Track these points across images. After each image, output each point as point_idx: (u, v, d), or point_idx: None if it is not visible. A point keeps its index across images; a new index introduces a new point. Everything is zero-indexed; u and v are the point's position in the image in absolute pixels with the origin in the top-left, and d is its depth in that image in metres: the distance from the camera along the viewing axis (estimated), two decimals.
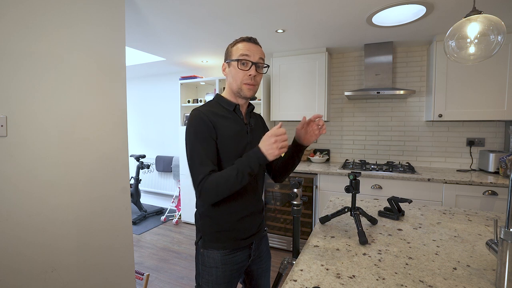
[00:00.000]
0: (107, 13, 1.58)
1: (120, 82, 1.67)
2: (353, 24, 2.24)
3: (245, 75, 1.02)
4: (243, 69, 1.01)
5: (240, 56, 1.01)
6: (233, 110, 1.06)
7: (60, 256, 1.37)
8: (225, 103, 1.07)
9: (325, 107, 2.87)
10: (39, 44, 1.29)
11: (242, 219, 1.06)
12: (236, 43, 1.04)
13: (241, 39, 1.05)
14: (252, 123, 1.11)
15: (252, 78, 1.02)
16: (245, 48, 1.02)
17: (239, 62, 1.01)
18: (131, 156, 4.02)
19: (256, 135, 1.10)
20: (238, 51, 1.02)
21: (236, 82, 1.03)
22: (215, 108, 1.05)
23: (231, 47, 1.05)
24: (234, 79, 1.03)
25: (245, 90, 1.03)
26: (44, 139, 1.32)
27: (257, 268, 1.18)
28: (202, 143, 0.96)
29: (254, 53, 1.02)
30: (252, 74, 1.01)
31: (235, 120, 1.06)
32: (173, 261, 2.73)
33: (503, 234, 0.72)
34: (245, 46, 1.02)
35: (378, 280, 0.79)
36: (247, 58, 1.01)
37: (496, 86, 2.29)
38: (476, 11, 1.12)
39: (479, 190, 2.13)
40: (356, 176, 1.14)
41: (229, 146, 1.01)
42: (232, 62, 1.03)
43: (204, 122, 0.98)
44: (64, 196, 1.39)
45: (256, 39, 1.06)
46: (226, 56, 1.07)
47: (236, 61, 1.01)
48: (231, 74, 1.04)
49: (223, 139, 1.00)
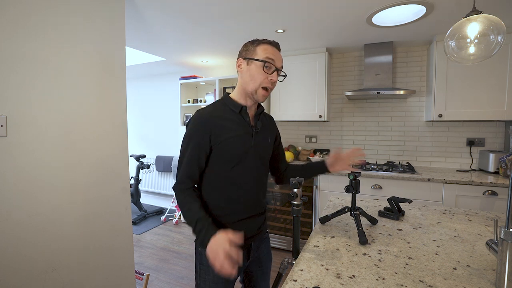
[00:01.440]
0: (107, 12, 1.58)
1: (120, 82, 1.67)
2: (353, 24, 2.24)
3: (266, 78, 1.00)
4: (266, 72, 1.00)
5: (266, 58, 0.99)
6: (239, 112, 1.04)
7: (60, 256, 1.37)
8: (231, 105, 1.05)
9: (325, 107, 2.87)
10: (38, 44, 1.29)
11: (240, 221, 1.05)
12: (261, 43, 1.02)
13: (267, 41, 1.02)
14: (259, 126, 1.08)
15: (272, 83, 1.02)
16: (272, 52, 1.00)
17: (265, 64, 0.99)
18: (131, 156, 4.02)
19: (262, 138, 1.10)
20: (264, 52, 1.00)
21: (255, 83, 1.00)
22: (219, 110, 1.03)
23: (254, 46, 1.02)
24: (253, 79, 1.00)
25: (260, 94, 1.02)
26: (44, 139, 1.32)
27: (256, 270, 1.17)
28: (192, 149, 0.99)
29: (278, 59, 1.02)
30: (274, 79, 1.01)
31: (240, 122, 1.03)
32: (173, 261, 2.73)
33: (503, 234, 0.72)
34: (272, 50, 1.01)
35: (378, 280, 0.79)
36: (273, 62, 1.00)
37: (496, 86, 2.29)
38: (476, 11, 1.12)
39: (479, 190, 2.13)
40: (356, 176, 1.14)
41: (229, 149, 1.00)
42: (255, 61, 1.00)
43: (201, 130, 0.99)
44: (64, 196, 1.39)
45: (279, 45, 1.05)
46: (246, 53, 1.03)
47: (261, 61, 0.99)
48: (249, 73, 1.01)
49: (223, 142, 0.99)
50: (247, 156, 1.03)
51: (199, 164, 1.01)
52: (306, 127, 3.34)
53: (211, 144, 0.99)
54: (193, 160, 1.00)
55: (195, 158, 1.00)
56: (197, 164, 1.00)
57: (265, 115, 1.18)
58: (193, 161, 1.00)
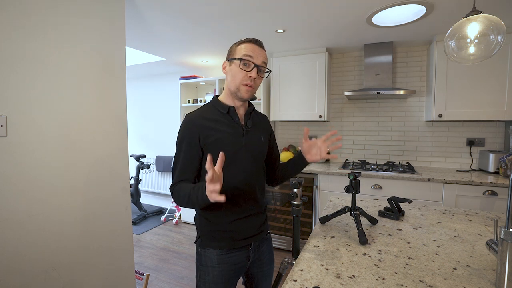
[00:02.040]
0: (107, 12, 1.58)
1: (120, 82, 1.67)
2: (353, 24, 2.24)
3: (246, 75, 1.01)
4: (244, 69, 1.01)
5: (243, 56, 1.00)
6: (227, 112, 1.05)
7: (60, 256, 1.37)
8: (219, 106, 1.07)
9: (325, 107, 2.87)
10: (38, 44, 1.28)
11: (238, 220, 1.05)
12: (240, 43, 1.04)
13: (247, 40, 1.04)
14: (249, 125, 1.09)
15: (252, 80, 1.01)
16: (249, 49, 1.01)
17: (241, 62, 1.00)
18: (131, 156, 4.02)
19: (254, 137, 1.09)
20: (242, 50, 1.01)
21: (235, 82, 1.02)
22: (208, 112, 1.06)
23: (235, 46, 1.04)
24: (233, 78, 1.02)
25: (242, 91, 1.02)
26: (44, 139, 1.32)
27: (258, 271, 1.16)
28: (184, 153, 1.03)
29: (258, 56, 1.01)
30: (252, 76, 1.01)
31: (229, 123, 1.04)
32: (173, 261, 2.73)
33: (503, 234, 0.72)
34: (250, 47, 1.01)
35: (378, 280, 0.79)
36: (250, 59, 1.00)
37: (496, 86, 2.29)
38: (476, 11, 1.12)
39: (479, 190, 2.13)
40: (356, 176, 1.14)
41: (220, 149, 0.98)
42: (234, 60, 1.02)
43: (190, 131, 1.01)
44: (64, 196, 1.39)
45: (261, 42, 1.05)
46: (229, 55, 1.06)
47: (238, 60, 1.01)
48: (231, 73, 1.03)
49: (213, 143, 1.00)
50: (238, 156, 1.04)
51: (193, 165, 1.03)
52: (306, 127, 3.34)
53: (201, 145, 1.01)
54: (186, 162, 1.02)
55: (188, 160, 1.02)
56: (191, 166, 1.03)
57: (257, 114, 1.18)
58: (186, 163, 1.02)
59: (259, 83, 1.06)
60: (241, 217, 1.06)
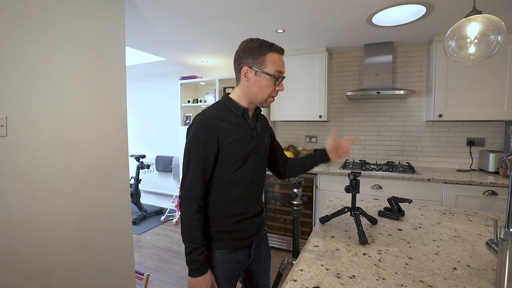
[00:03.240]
0: (107, 12, 1.58)
1: (120, 82, 1.67)
2: (353, 24, 2.24)
3: (274, 89, 1.02)
4: (275, 84, 1.01)
5: (276, 72, 0.99)
6: (241, 114, 1.03)
7: (60, 256, 1.37)
8: (233, 107, 1.03)
9: (325, 107, 2.87)
10: (38, 44, 1.28)
11: (241, 221, 1.06)
12: (268, 52, 0.98)
13: (274, 49, 0.99)
14: (258, 128, 1.09)
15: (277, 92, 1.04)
16: (281, 63, 1.00)
17: (277, 80, 1.00)
18: (131, 156, 4.02)
19: (261, 139, 1.11)
20: (274, 65, 0.98)
21: (264, 95, 1.01)
22: (222, 112, 1.02)
23: (262, 55, 0.98)
24: (262, 90, 1.00)
25: (268, 103, 1.04)
26: (44, 139, 1.32)
27: (257, 267, 1.18)
28: (200, 155, 0.96)
29: (284, 67, 1.03)
30: (282, 89, 1.03)
31: (242, 125, 1.03)
32: (173, 261, 2.73)
33: (503, 234, 0.72)
34: (281, 61, 1.01)
35: (378, 280, 0.79)
36: (282, 75, 1.01)
37: (496, 86, 2.29)
38: (476, 11, 1.12)
39: (479, 190, 2.13)
40: (356, 176, 1.14)
41: (234, 152, 1.00)
42: (264, 74, 0.98)
43: (208, 132, 0.95)
44: (64, 196, 1.39)
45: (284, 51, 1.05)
46: (254, 63, 0.98)
47: (272, 76, 0.98)
48: (258, 85, 1.00)
49: (228, 145, 0.99)
50: (249, 158, 1.04)
51: (208, 168, 0.98)
52: (306, 127, 3.34)
53: (219, 146, 0.97)
54: (202, 164, 0.97)
55: (204, 162, 0.97)
56: (207, 169, 0.98)
57: (260, 116, 1.19)
58: (202, 166, 0.97)
59: None
60: (246, 218, 1.07)
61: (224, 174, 1.01)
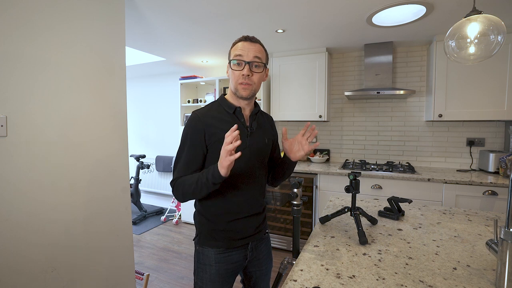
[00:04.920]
0: (107, 12, 1.58)
1: (120, 82, 1.67)
2: (353, 24, 2.24)
3: (239, 74, 1.02)
4: (237, 69, 1.02)
5: (234, 56, 1.02)
6: (233, 112, 1.06)
7: (60, 256, 1.37)
8: (226, 106, 1.07)
9: (325, 107, 2.87)
10: (38, 44, 1.28)
11: (236, 220, 1.06)
12: (234, 44, 1.06)
13: (238, 39, 1.05)
14: (254, 126, 1.09)
15: (246, 78, 1.01)
16: (239, 48, 1.02)
17: (233, 63, 1.02)
18: (131, 156, 4.02)
19: (257, 139, 1.09)
20: (234, 51, 1.03)
21: (233, 82, 1.04)
22: (214, 110, 1.06)
23: (232, 47, 1.06)
24: (232, 79, 1.05)
25: (240, 90, 1.03)
26: (44, 139, 1.32)
27: (256, 270, 1.17)
28: (188, 150, 1.03)
29: (248, 52, 1.00)
30: (244, 73, 1.00)
31: (234, 123, 1.04)
32: (173, 261, 2.73)
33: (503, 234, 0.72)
34: (240, 46, 1.02)
35: (378, 280, 0.79)
36: (240, 58, 1.01)
37: (496, 86, 2.29)
38: (476, 11, 1.12)
39: (479, 190, 2.13)
40: (356, 176, 1.14)
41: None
42: (229, 63, 1.05)
43: (196, 129, 1.01)
44: (64, 196, 1.39)
45: (254, 38, 1.04)
46: (228, 57, 1.08)
47: (230, 61, 1.03)
48: (231, 76, 1.05)
49: (216, 142, 1.00)
50: (242, 157, 1.03)
51: (196, 162, 1.03)
52: None
53: (206, 143, 1.02)
54: (190, 158, 1.02)
55: (191, 156, 1.02)
56: (194, 163, 1.03)
57: (262, 114, 1.18)
58: (189, 159, 1.02)
59: (257, 79, 1.03)
60: (240, 217, 1.07)
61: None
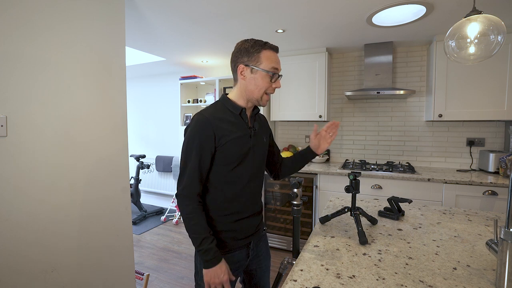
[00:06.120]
0: (107, 12, 1.58)
1: (120, 82, 1.67)
2: (353, 24, 2.24)
3: (271, 86, 1.03)
4: (271, 81, 1.02)
5: (272, 69, 1.01)
6: (239, 113, 1.05)
7: (60, 256, 1.37)
8: (231, 106, 1.05)
9: (325, 107, 2.87)
10: (38, 44, 1.28)
11: (239, 221, 1.07)
12: (263, 49, 1.00)
13: (269, 47, 1.02)
14: (256, 127, 1.10)
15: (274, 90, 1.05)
16: (276, 60, 1.02)
17: (272, 76, 1.02)
18: (131, 156, 4.02)
19: (259, 139, 1.11)
20: (269, 61, 1.00)
21: (260, 91, 1.02)
22: (220, 111, 1.03)
23: (257, 52, 1.00)
24: (258, 87, 1.02)
25: (264, 100, 1.05)
26: (44, 139, 1.32)
27: (256, 267, 1.19)
28: (197, 154, 0.97)
29: (280, 65, 1.05)
30: (278, 86, 1.04)
31: (239, 124, 1.04)
32: (173, 261, 2.73)
33: (503, 234, 0.72)
34: (275, 57, 1.03)
35: (378, 280, 0.79)
36: (277, 71, 1.02)
37: (496, 86, 2.29)
38: (476, 11, 1.12)
39: (479, 190, 2.13)
40: (356, 176, 1.14)
41: (231, 151, 1.00)
42: (260, 71, 1.00)
43: (205, 131, 0.97)
44: (64, 196, 1.39)
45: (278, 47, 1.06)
46: (249, 60, 1.01)
47: (267, 72, 1.00)
48: (254, 82, 1.01)
49: (225, 144, 0.99)
50: (246, 157, 1.05)
51: (205, 166, 0.99)
52: (306, 127, 3.34)
53: (216, 145, 0.98)
54: (199, 163, 0.97)
55: (201, 160, 0.97)
56: (204, 167, 0.99)
57: (259, 115, 1.19)
58: (199, 164, 0.97)
59: None
60: (244, 217, 1.08)
61: (222, 173, 1.02)
